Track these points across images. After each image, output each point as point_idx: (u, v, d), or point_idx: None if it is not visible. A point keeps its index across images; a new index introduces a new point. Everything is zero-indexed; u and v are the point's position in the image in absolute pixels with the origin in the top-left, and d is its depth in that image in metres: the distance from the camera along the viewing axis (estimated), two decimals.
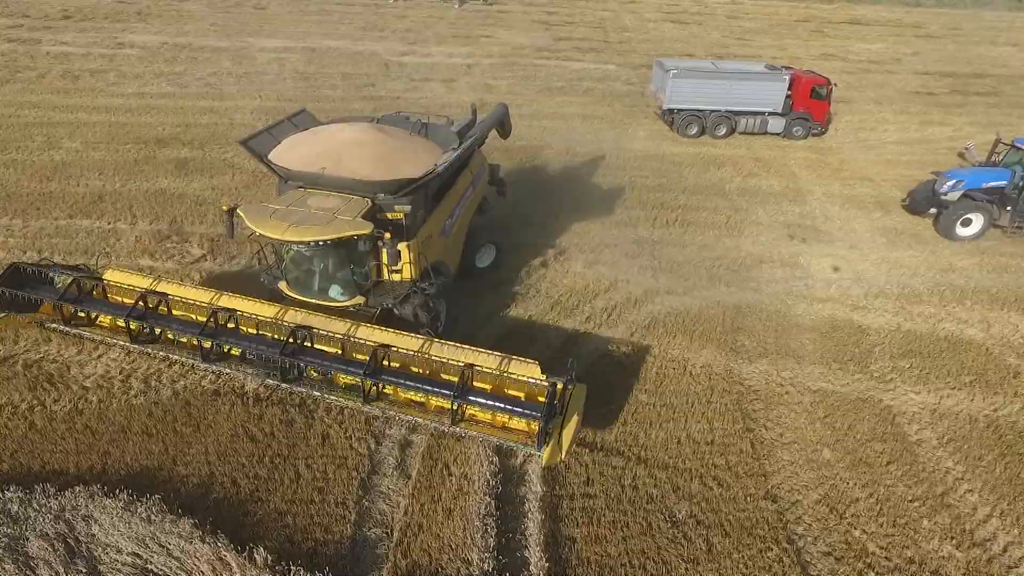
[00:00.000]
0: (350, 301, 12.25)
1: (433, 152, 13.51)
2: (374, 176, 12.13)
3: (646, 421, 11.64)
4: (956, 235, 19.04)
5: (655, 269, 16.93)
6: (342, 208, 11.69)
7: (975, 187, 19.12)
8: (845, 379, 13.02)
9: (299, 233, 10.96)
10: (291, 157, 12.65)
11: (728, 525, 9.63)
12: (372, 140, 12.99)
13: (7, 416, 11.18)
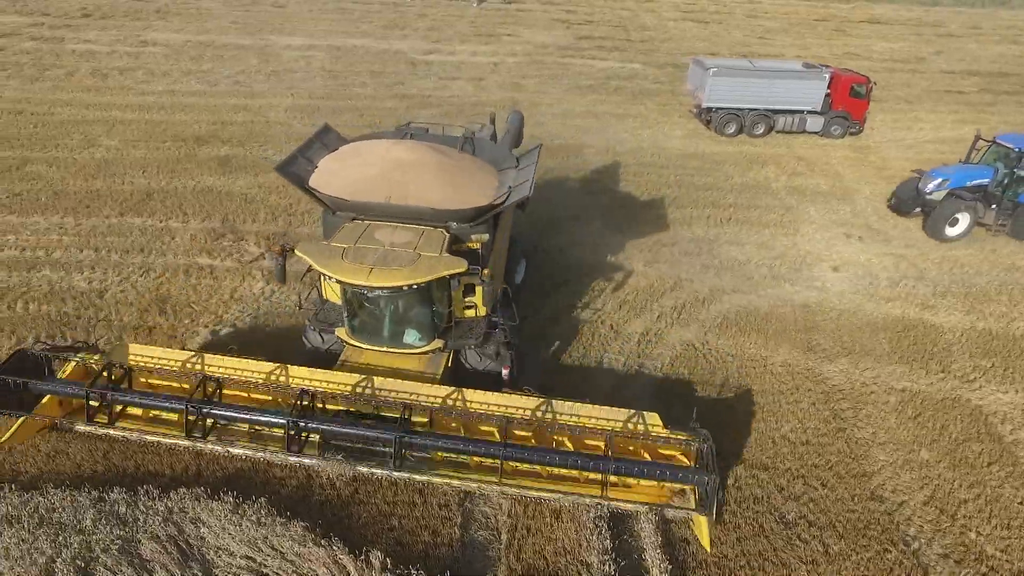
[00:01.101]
0: (428, 346, 10.70)
1: (490, 171, 12.29)
2: (448, 203, 10.77)
3: (737, 421, 11.49)
4: (944, 235, 18.60)
5: (717, 268, 16.78)
6: (419, 242, 10.35)
7: (960, 185, 18.71)
8: (928, 379, 12.88)
9: (386, 277, 9.60)
10: (340, 184, 11.14)
11: (840, 526, 9.48)
12: (431, 161, 11.63)
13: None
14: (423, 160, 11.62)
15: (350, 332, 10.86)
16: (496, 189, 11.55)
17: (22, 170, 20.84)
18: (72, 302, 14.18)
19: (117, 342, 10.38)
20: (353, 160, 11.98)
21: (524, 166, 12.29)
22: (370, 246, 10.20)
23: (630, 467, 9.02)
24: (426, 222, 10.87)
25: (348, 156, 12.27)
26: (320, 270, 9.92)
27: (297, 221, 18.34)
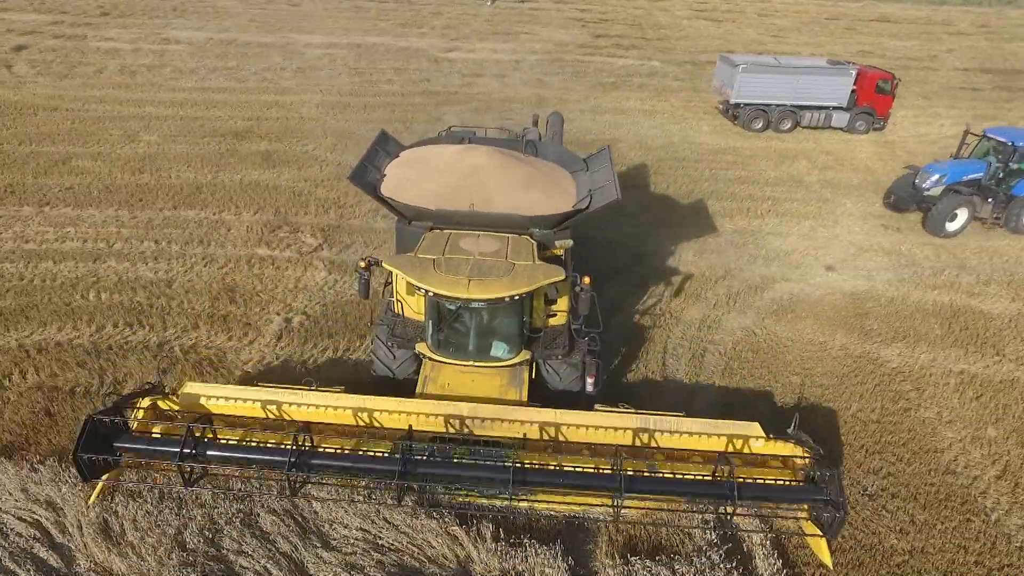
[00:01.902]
0: (516, 358, 10.20)
1: (563, 174, 12.20)
2: (533, 208, 10.54)
3: (806, 402, 11.86)
4: (945, 231, 18.55)
5: (764, 258, 17.16)
6: (508, 251, 10.08)
7: (956, 180, 18.80)
8: (984, 362, 13.29)
9: (487, 289, 9.18)
10: (416, 192, 10.88)
11: (922, 498, 9.87)
12: (507, 166, 11.46)
13: None
14: (499, 165, 11.44)
15: (434, 347, 10.28)
16: (575, 193, 11.41)
17: (68, 164, 21.10)
18: (142, 291, 14.48)
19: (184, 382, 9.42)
20: (423, 168, 11.80)
21: (598, 168, 12.08)
22: (460, 256, 9.85)
23: (755, 491, 8.34)
24: (509, 229, 10.54)
25: (416, 163, 12.05)
26: (416, 284, 9.40)
27: (348, 213, 18.64)
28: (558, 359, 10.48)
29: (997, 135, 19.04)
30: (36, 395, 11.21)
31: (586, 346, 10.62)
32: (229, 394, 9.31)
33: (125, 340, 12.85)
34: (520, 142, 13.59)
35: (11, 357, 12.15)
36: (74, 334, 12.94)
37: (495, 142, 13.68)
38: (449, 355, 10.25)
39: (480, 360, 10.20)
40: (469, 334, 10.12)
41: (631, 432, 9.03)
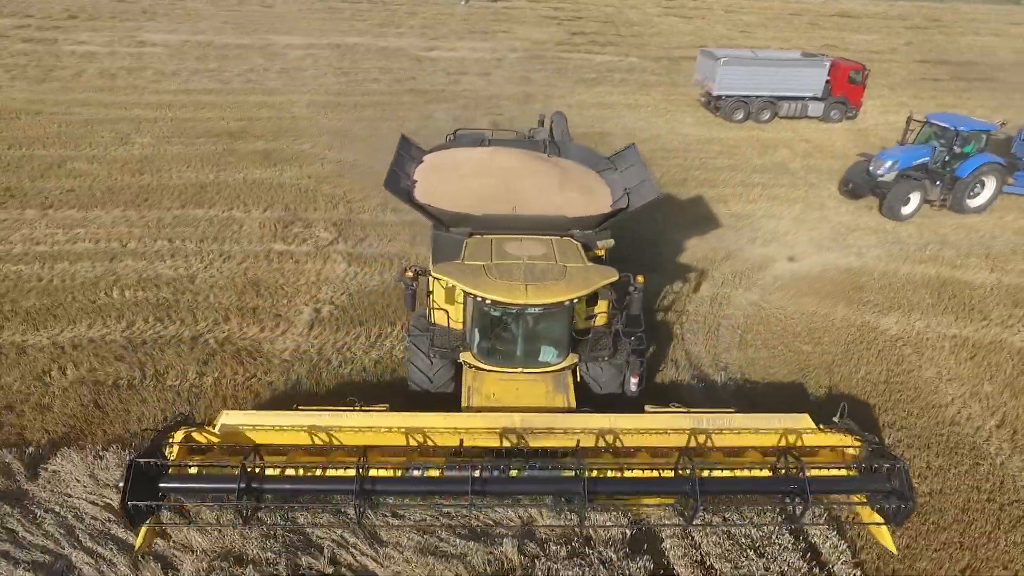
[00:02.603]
0: (565, 362, 10.07)
1: (593, 174, 12.31)
2: (574, 209, 10.55)
3: (820, 367, 12.71)
4: (901, 214, 19.31)
5: (762, 239, 18.06)
6: (557, 253, 9.96)
7: (907, 166, 19.50)
8: (974, 326, 14.36)
9: (545, 293, 9.03)
10: (452, 197, 10.75)
11: (935, 447, 10.77)
12: (540, 168, 11.47)
13: (228, 385, 11.61)
14: (531, 167, 11.42)
15: (480, 356, 10.02)
16: (609, 192, 11.48)
17: (64, 167, 20.90)
18: (166, 288, 14.60)
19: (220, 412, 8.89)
20: (452, 172, 11.70)
21: (627, 167, 12.06)
22: (510, 261, 9.64)
23: (823, 484, 8.40)
24: (550, 231, 10.45)
25: (444, 168, 11.92)
26: (471, 292, 9.17)
27: (357, 208, 18.95)
28: (604, 360, 10.32)
29: (939, 121, 19.97)
30: (81, 389, 11.34)
31: (630, 346, 10.45)
32: (270, 421, 8.70)
33: (158, 335, 13.00)
34: (540, 143, 13.60)
35: (47, 354, 12.22)
36: (105, 330, 13.04)
37: (511, 143, 13.78)
38: (496, 363, 9.98)
39: (529, 366, 9.99)
40: (517, 341, 9.86)
41: (687, 433, 8.85)
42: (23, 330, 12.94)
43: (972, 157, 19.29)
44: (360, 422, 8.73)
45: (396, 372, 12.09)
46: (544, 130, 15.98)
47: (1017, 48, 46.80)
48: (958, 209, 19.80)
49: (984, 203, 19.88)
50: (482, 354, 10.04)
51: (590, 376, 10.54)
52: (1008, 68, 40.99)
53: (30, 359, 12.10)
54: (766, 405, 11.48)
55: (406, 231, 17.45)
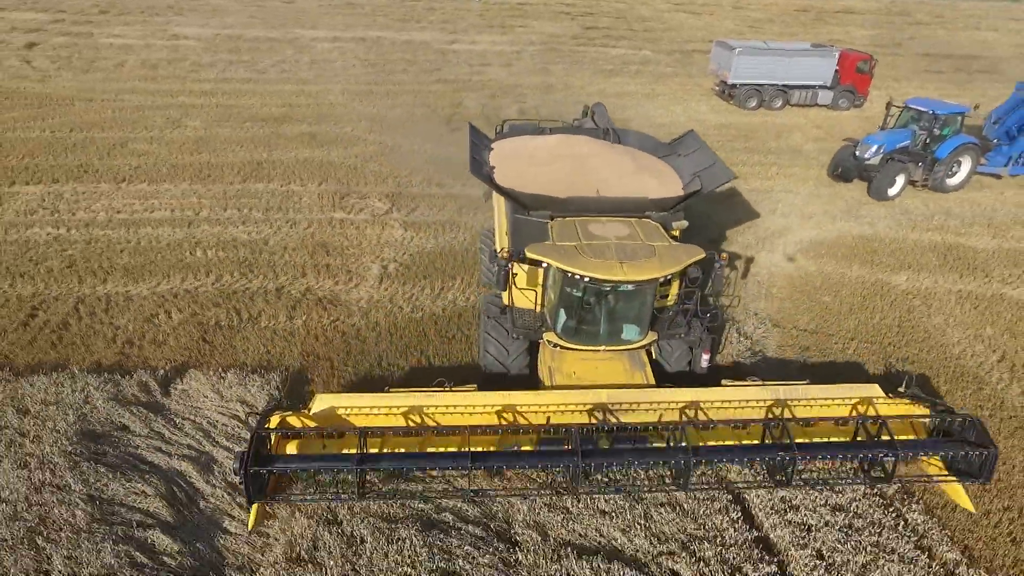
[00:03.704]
0: (645, 340, 10.41)
1: (657, 159, 12.96)
2: (651, 192, 11.05)
3: (839, 314, 14.20)
4: (888, 195, 20.31)
5: (782, 212, 19.50)
6: (642, 234, 10.34)
7: (892, 149, 20.51)
8: (977, 282, 15.84)
9: (640, 271, 9.41)
10: (534, 182, 11.24)
11: (943, 376, 12.26)
12: (612, 154, 12.04)
13: (316, 327, 13.10)
14: (605, 153, 12.06)
15: (565, 335, 10.31)
16: (678, 176, 12.12)
17: (126, 147, 22.39)
18: (243, 248, 16.08)
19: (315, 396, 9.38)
20: (528, 159, 12.23)
21: (690, 151, 12.75)
22: (600, 241, 10.02)
23: (911, 447, 9.04)
24: (630, 213, 10.82)
25: (518, 155, 12.47)
26: (569, 270, 9.53)
27: (405, 182, 20.41)
28: (680, 338, 10.66)
29: (918, 105, 21.11)
30: (188, 328, 12.84)
31: (704, 323, 10.83)
32: (365, 403, 9.16)
33: (244, 287, 14.49)
34: (600, 131, 14.31)
35: (152, 302, 13.71)
36: (197, 283, 14.53)
37: (573, 131, 14.52)
38: (581, 342, 10.28)
39: (612, 344, 10.30)
40: (601, 320, 10.14)
41: (766, 404, 9.37)
42: (124, 282, 14.44)
43: (950, 139, 20.46)
44: (454, 401, 9.17)
45: (463, 317, 13.57)
46: (588, 120, 17.00)
47: (1015, 42, 48.32)
48: (939, 188, 20.93)
49: (961, 181, 21.10)
50: (567, 334, 10.29)
51: (661, 355, 11.04)
52: (1007, 60, 42.48)
53: (136, 305, 13.61)
54: (795, 346, 13.04)
55: (452, 203, 18.93)
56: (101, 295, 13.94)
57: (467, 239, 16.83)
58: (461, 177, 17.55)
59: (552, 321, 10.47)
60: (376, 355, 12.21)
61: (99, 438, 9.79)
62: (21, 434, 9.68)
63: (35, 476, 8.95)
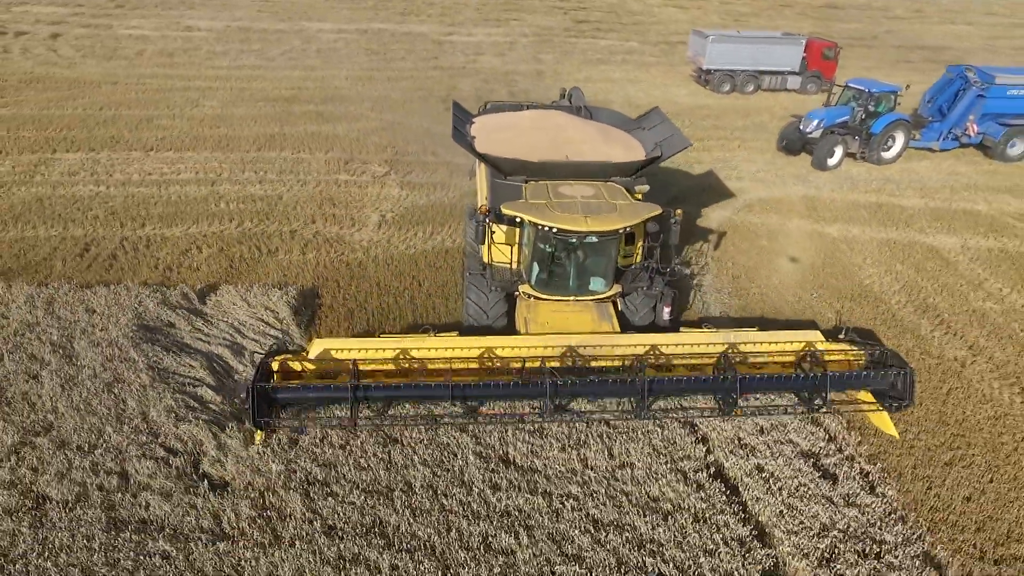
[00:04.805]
0: (610, 291, 11.58)
1: (623, 132, 14.27)
2: (616, 158, 12.21)
3: (775, 253, 16.59)
4: (827, 165, 22.28)
5: (737, 177, 21.86)
6: (606, 194, 11.42)
7: (831, 123, 22.57)
8: (899, 232, 18.20)
9: (602, 223, 10.48)
10: (513, 149, 12.30)
11: (849, 297, 14.65)
12: (584, 125, 13.39)
13: (325, 260, 15.49)
14: (578, 124, 13.40)
15: (538, 287, 11.39)
16: (642, 146, 13.41)
17: (152, 123, 24.82)
18: (260, 202, 18.49)
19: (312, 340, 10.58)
20: (509, 129, 13.54)
21: (653, 125, 14.28)
22: (566, 200, 11.09)
23: (842, 380, 10.02)
24: (598, 177, 11.98)
25: (499, 127, 13.74)
26: (539, 222, 10.52)
27: (402, 151, 22.80)
28: (641, 292, 11.77)
29: (856, 84, 23.26)
30: (218, 258, 15.27)
31: (664, 279, 11.86)
32: (358, 346, 10.03)
33: (262, 230, 16.89)
34: (575, 108, 15.78)
35: (185, 241, 16.13)
36: (221, 228, 16.94)
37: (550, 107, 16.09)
38: (552, 292, 11.40)
39: (580, 295, 11.44)
40: (570, 272, 11.27)
41: (720, 347, 10.33)
42: (160, 227, 16.85)
43: (884, 115, 22.64)
44: (442, 344, 10.16)
45: (448, 254, 15.93)
46: (565, 102, 18.78)
47: (987, 35, 50.59)
48: (874, 160, 23.01)
49: (895, 155, 23.24)
50: (540, 285, 11.44)
51: (627, 308, 12.14)
52: (975, 51, 44.72)
53: (172, 243, 16.02)
54: (728, 275, 15.42)
55: (444, 168, 21.31)
56: (141, 236, 16.36)
57: (456, 197, 19.18)
58: (453, 148, 19.68)
59: (527, 274, 11.64)
60: (375, 278, 14.63)
61: (153, 330, 12.19)
62: (91, 325, 12.09)
63: (106, 352, 11.36)
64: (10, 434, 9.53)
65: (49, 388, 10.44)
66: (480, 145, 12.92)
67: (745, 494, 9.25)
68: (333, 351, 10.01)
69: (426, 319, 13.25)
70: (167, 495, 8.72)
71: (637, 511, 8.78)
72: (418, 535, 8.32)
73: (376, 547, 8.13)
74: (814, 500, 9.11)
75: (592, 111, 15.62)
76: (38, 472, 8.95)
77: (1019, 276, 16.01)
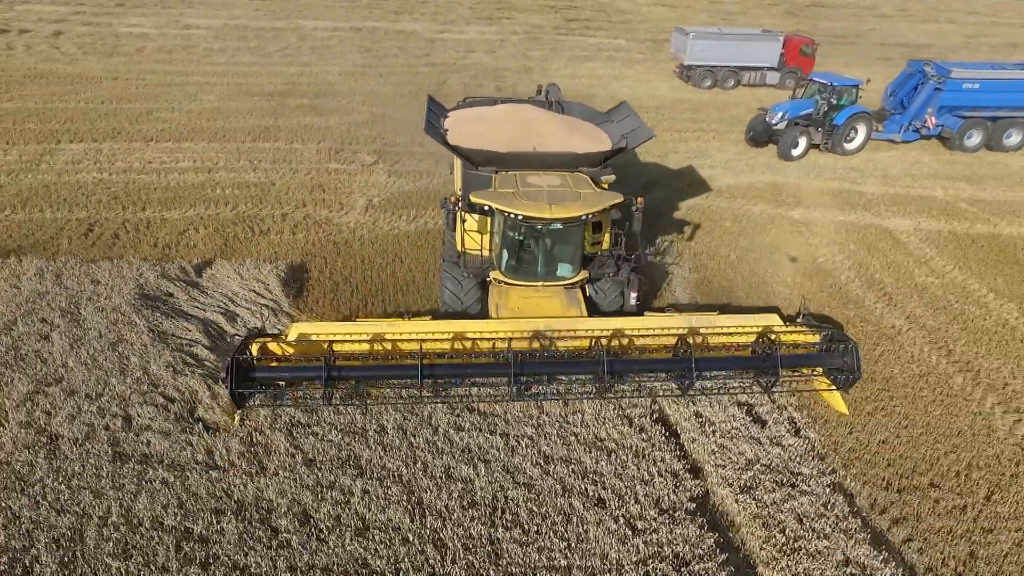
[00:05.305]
0: (578, 277, 11.94)
1: (592, 124, 14.67)
2: (583, 149, 12.54)
3: (744, 234, 17.73)
4: (792, 156, 23.33)
5: (709, 166, 22.95)
6: (571, 183, 11.77)
7: (796, 115, 23.53)
8: (857, 215, 19.31)
9: (565, 210, 10.88)
10: (483, 141, 12.68)
11: (805, 271, 15.77)
12: (552, 118, 13.82)
13: (314, 240, 16.57)
14: (547, 117, 13.87)
15: (507, 273, 11.78)
16: (609, 138, 13.81)
17: (151, 115, 25.89)
18: (254, 188, 19.56)
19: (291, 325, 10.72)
20: (481, 122, 14.04)
21: (622, 118, 14.66)
22: (533, 189, 11.47)
23: (790, 361, 10.64)
24: (565, 167, 12.38)
25: (471, 120, 14.22)
26: (505, 210, 10.92)
27: (391, 142, 23.89)
28: (608, 278, 12.23)
29: (820, 78, 24.29)
30: (214, 238, 16.35)
31: (631, 266, 12.32)
32: (334, 330, 10.48)
33: (256, 213, 17.97)
34: (547, 103, 16.09)
35: (182, 222, 17.19)
36: (218, 211, 18.01)
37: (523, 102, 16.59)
38: (521, 278, 11.77)
39: (548, 280, 11.79)
40: (538, 259, 11.70)
41: (682, 330, 10.77)
42: (160, 210, 17.93)
43: (846, 108, 23.63)
44: (415, 327, 10.66)
45: (430, 234, 17.00)
46: (541, 97, 20.38)
47: (967, 33, 51.73)
48: (838, 151, 24.00)
49: (858, 146, 24.26)
50: (509, 272, 11.83)
51: (596, 295, 12.60)
52: (955, 48, 45.89)
53: (171, 225, 17.09)
54: (699, 255, 16.50)
55: (430, 158, 22.33)
56: (142, 218, 17.43)
57: (439, 184, 20.25)
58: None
59: (497, 261, 12.08)
60: (360, 255, 15.71)
61: (153, 299, 13.26)
62: (96, 294, 13.17)
63: (110, 316, 12.44)
64: (25, 384, 10.60)
65: (59, 346, 11.53)
66: (452, 137, 13.34)
67: (683, 436, 10.34)
68: (311, 335, 10.38)
69: (406, 291, 14.36)
70: (166, 434, 9.80)
71: (584, 448, 9.87)
72: (388, 467, 9.41)
73: (350, 475, 9.23)
74: (743, 440, 10.20)
75: (564, 106, 16.24)
76: (51, 415, 10.02)
77: (963, 255, 17.13)
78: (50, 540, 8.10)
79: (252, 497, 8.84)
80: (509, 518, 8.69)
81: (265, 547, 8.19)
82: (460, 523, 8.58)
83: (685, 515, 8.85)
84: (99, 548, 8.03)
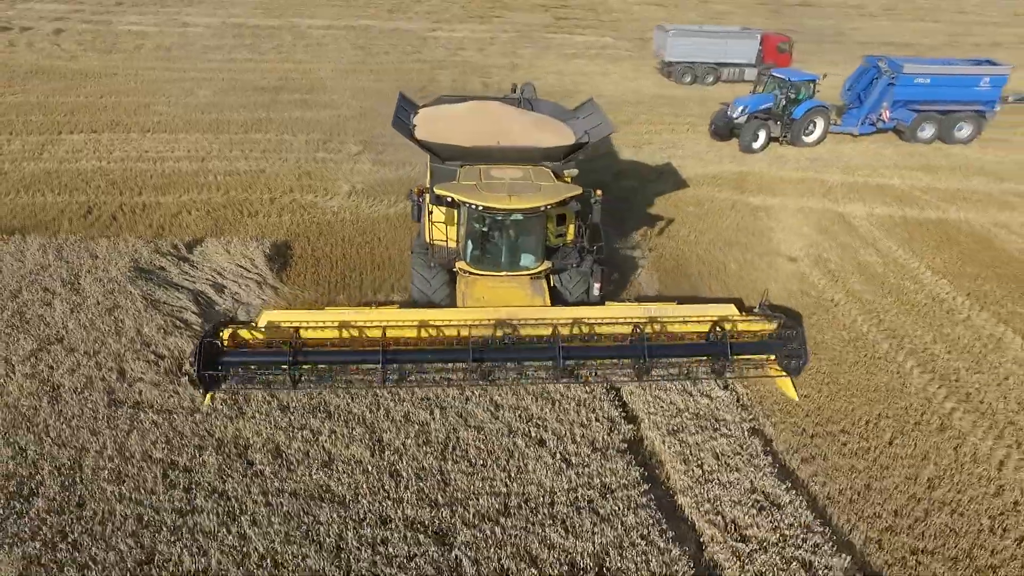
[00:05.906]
0: (540, 267, 12.24)
1: (558, 120, 15.07)
2: (547, 144, 12.91)
3: (705, 218, 18.86)
4: (752, 148, 24.23)
5: (681, 156, 24.05)
6: (533, 176, 12.17)
7: (755, 109, 24.34)
8: (816, 202, 20.44)
9: (525, 200, 11.28)
10: (449, 135, 13.01)
11: (758, 253, 16.88)
12: (518, 114, 14.15)
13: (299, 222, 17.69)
14: (513, 114, 14.35)
15: (472, 263, 12.19)
16: (574, 133, 14.24)
17: (149, 109, 27.03)
18: (245, 176, 20.70)
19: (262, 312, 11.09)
20: (449, 119, 14.39)
21: (588, 114, 15.22)
22: (495, 181, 11.94)
23: (742, 348, 11.02)
24: (527, 162, 12.72)
25: (440, 117, 14.61)
26: (466, 200, 11.30)
27: (377, 135, 24.79)
28: (571, 268, 12.58)
29: (779, 74, 25.31)
30: (205, 220, 17.49)
31: (593, 257, 12.60)
32: (306, 318, 10.76)
33: (246, 198, 19.10)
34: (516, 100, 16.54)
35: (176, 206, 18.34)
36: (209, 195, 19.16)
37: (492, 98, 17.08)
38: (486, 268, 12.18)
39: (512, 270, 12.15)
40: (502, 249, 12.13)
41: (642, 319, 11.01)
42: (154, 195, 19.07)
43: (804, 102, 24.57)
44: (381, 316, 10.90)
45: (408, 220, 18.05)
46: (516, 96, 21.23)
47: (952, 32, 52.75)
48: (797, 144, 24.92)
49: (817, 139, 25.19)
50: (474, 262, 12.26)
51: (561, 286, 12.84)
52: (936, 47, 46.92)
53: (165, 208, 18.23)
54: (659, 235, 17.58)
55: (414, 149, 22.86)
56: (138, 202, 18.57)
57: (420, 172, 21.25)
58: None
59: (462, 252, 12.50)
60: (341, 235, 16.84)
61: (146, 272, 14.40)
62: (95, 267, 14.30)
63: (107, 286, 13.57)
64: (30, 342, 11.74)
65: (60, 311, 12.66)
66: (420, 132, 13.73)
67: (623, 389, 11.44)
68: (279, 322, 10.68)
69: (382, 268, 15.49)
70: (156, 385, 10.93)
71: (532, 398, 10.99)
72: (353, 411, 10.53)
73: (319, 419, 10.35)
74: (675, 393, 11.30)
75: (533, 103, 16.63)
76: (53, 368, 11.15)
77: (909, 237, 18.24)
78: (53, 468, 9.23)
79: (231, 436, 9.96)
80: (459, 454, 9.81)
81: (241, 476, 9.32)
82: (415, 457, 9.70)
83: (616, 453, 9.96)
84: (96, 475, 9.17)
